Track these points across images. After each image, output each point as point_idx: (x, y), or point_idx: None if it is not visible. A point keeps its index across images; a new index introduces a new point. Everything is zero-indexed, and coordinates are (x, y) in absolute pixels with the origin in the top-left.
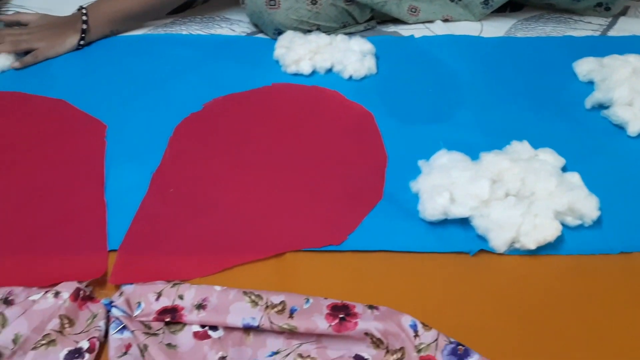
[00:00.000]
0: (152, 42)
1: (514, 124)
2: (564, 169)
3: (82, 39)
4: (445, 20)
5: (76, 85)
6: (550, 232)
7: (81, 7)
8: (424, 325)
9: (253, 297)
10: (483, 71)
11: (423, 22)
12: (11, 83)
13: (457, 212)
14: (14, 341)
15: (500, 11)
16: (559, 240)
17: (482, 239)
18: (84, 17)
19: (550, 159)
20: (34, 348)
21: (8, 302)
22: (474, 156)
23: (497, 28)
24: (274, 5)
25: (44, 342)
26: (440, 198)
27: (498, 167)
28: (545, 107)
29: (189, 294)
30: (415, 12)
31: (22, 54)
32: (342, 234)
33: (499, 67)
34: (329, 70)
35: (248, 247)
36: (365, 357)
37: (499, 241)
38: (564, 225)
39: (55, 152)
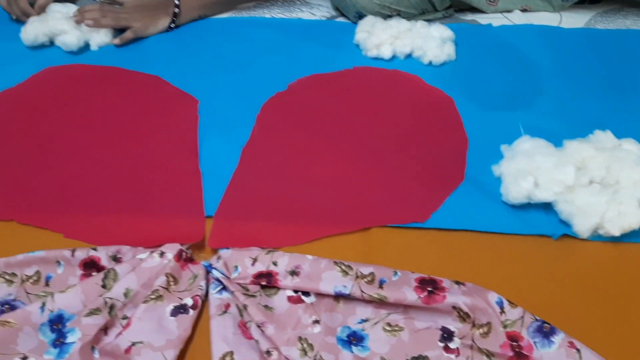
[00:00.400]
0: (238, 24)
1: (595, 114)
2: None
3: (173, 21)
4: (524, 10)
5: (169, 63)
6: (635, 219)
7: None
8: (510, 302)
9: (343, 267)
10: (563, 61)
11: (501, 12)
12: (110, 59)
13: (541, 196)
14: (125, 295)
15: (579, 3)
16: None
17: (565, 224)
18: (177, 2)
19: (634, 148)
20: (145, 302)
21: (117, 259)
22: (556, 144)
23: (576, 19)
24: None
25: (153, 296)
26: (525, 182)
27: (582, 154)
28: (627, 98)
29: (282, 261)
30: (493, 1)
31: (118, 31)
32: (426, 212)
33: (579, 57)
34: (409, 56)
35: (336, 220)
36: (452, 329)
37: (583, 227)
38: None
39: (153, 124)
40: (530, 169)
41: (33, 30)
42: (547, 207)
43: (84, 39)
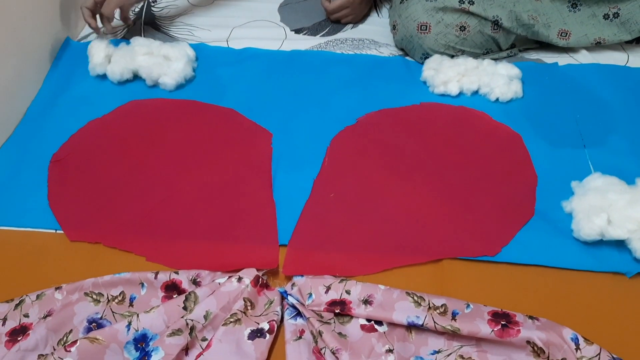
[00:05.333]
0: (309, 58)
1: None
2: None
3: None
4: (597, 44)
5: (243, 97)
6: None
7: None
8: (585, 339)
9: (416, 297)
10: (633, 100)
11: (574, 48)
12: (188, 92)
13: (615, 234)
14: (205, 317)
15: None
16: None
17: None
18: None
19: None
20: (224, 324)
21: (197, 282)
22: (629, 181)
23: None
24: (425, 30)
25: (232, 320)
26: (598, 219)
27: None
28: None
29: (355, 290)
30: (565, 36)
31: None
32: (497, 246)
33: None
34: (475, 92)
35: (407, 251)
36: None
37: None
38: None
39: (229, 155)
40: (603, 206)
41: (118, 68)
42: (620, 244)
43: (181, 80)
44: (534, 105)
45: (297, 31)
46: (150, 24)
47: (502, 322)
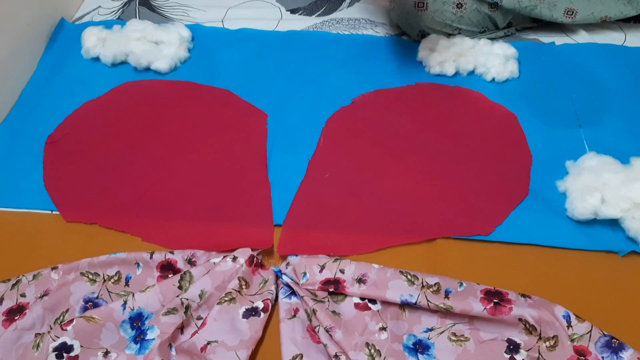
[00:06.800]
0: (305, 39)
1: None
2: None
3: None
4: (603, 21)
5: (238, 78)
6: None
7: None
8: (577, 316)
9: (409, 276)
10: (630, 79)
11: (571, 27)
12: (183, 74)
13: (608, 212)
14: (200, 296)
15: None
16: None
17: (633, 240)
18: None
19: None
20: (219, 303)
21: (192, 262)
22: (623, 161)
23: None
24: (422, 7)
25: (226, 298)
26: (592, 198)
27: None
28: None
29: (349, 269)
30: (572, 14)
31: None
32: (490, 225)
33: None
34: (471, 73)
35: (401, 230)
36: (518, 341)
37: None
38: None
39: (224, 136)
40: (597, 185)
41: (111, 52)
42: (613, 223)
43: (174, 64)
44: (530, 85)
45: (293, 11)
46: (145, 5)
47: (495, 300)
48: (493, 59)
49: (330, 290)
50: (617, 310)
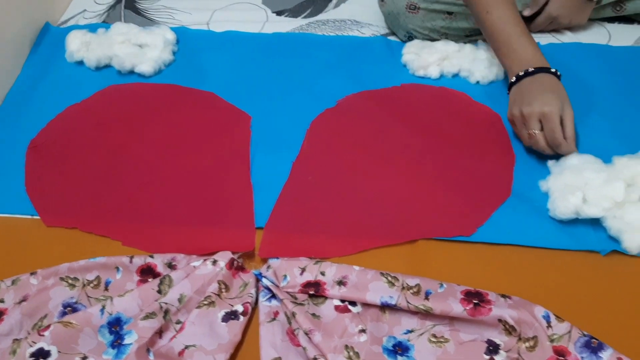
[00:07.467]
0: (290, 41)
1: None
2: None
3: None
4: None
5: (222, 81)
6: None
7: None
8: (557, 317)
9: (390, 278)
10: (613, 78)
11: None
12: (167, 76)
13: (590, 212)
14: (179, 300)
15: (629, 21)
16: None
17: (614, 239)
18: None
19: None
20: (198, 307)
21: (172, 266)
22: (605, 160)
23: (625, 37)
24: (414, 10)
25: (205, 302)
26: (573, 197)
27: (632, 170)
28: None
29: (330, 271)
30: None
31: None
32: (472, 226)
33: (629, 75)
34: (456, 75)
35: (383, 232)
36: (497, 342)
37: (632, 243)
38: None
39: (208, 139)
40: (578, 185)
41: (95, 56)
42: (595, 222)
43: (159, 67)
44: None
45: (279, 13)
46: (131, 8)
47: (475, 301)
48: (478, 64)
49: (311, 292)
50: (598, 310)
